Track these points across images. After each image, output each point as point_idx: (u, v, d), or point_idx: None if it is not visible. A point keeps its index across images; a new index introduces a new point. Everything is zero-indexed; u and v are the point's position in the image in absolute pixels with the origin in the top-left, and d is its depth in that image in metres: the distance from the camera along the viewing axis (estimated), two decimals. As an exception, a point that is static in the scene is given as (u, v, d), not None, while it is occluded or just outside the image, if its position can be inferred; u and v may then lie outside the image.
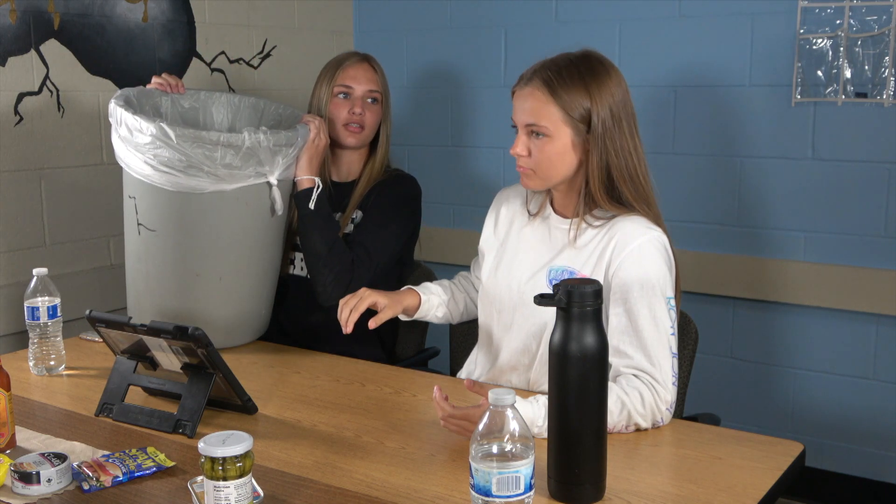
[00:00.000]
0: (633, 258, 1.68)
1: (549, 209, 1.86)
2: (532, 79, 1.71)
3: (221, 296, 2.06)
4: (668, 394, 1.62)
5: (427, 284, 2.06)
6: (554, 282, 1.75)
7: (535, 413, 1.52)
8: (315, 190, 2.12)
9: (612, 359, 1.63)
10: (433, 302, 2.03)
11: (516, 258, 1.87)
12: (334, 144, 2.30)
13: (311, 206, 2.11)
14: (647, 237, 1.69)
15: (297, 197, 2.14)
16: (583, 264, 1.75)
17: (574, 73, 1.69)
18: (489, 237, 1.97)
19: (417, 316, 2.03)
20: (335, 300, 2.11)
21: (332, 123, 2.27)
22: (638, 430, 1.60)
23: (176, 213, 1.98)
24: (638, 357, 1.63)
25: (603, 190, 1.71)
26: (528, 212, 1.90)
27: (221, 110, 2.30)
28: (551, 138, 1.70)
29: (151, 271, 2.05)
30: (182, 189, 1.92)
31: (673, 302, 1.69)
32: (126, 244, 2.11)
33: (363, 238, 2.21)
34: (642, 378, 1.62)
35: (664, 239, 1.72)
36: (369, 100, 2.29)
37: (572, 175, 1.75)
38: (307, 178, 2.13)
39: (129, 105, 2.00)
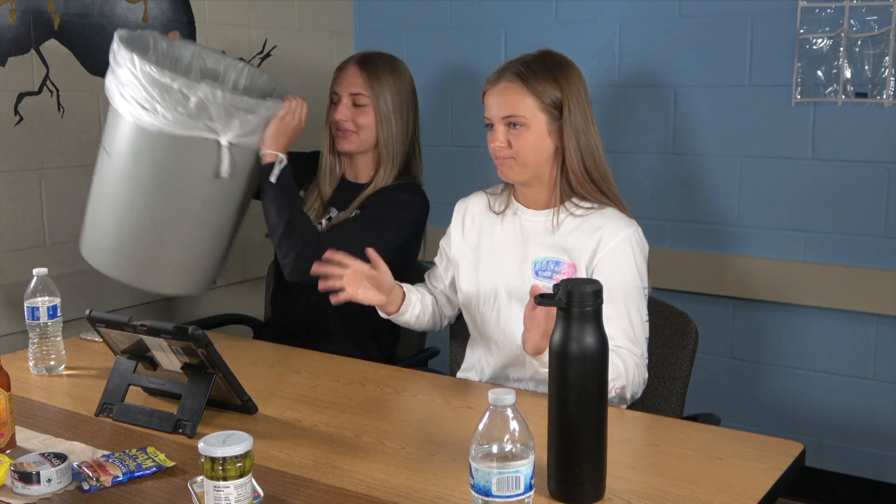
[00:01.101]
0: (616, 254, 1.81)
1: (516, 204, 1.94)
2: (504, 75, 1.84)
3: (154, 238, 2.09)
4: (646, 372, 1.80)
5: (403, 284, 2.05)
6: (540, 273, 1.85)
7: None
8: (277, 164, 2.10)
9: None
10: (412, 298, 2.01)
11: (495, 258, 1.93)
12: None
13: (273, 179, 2.10)
14: (627, 232, 1.82)
15: (262, 169, 2.13)
16: (566, 254, 1.84)
17: (542, 66, 1.83)
18: (459, 244, 2.01)
19: (401, 310, 1.98)
20: (299, 275, 2.10)
21: (332, 129, 2.29)
22: (622, 391, 1.72)
23: (128, 144, 2.03)
24: (621, 339, 1.77)
25: (582, 170, 1.83)
26: (494, 212, 1.97)
27: (240, 79, 2.34)
28: (528, 127, 1.82)
29: (102, 195, 2.10)
30: (137, 122, 1.97)
31: (646, 291, 1.84)
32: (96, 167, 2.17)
33: (340, 230, 2.19)
34: (624, 351, 1.75)
35: (640, 231, 1.86)
36: (354, 104, 2.25)
37: (548, 165, 1.85)
38: (269, 152, 2.11)
39: (132, 43, 2.05)
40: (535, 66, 1.82)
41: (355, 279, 1.89)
